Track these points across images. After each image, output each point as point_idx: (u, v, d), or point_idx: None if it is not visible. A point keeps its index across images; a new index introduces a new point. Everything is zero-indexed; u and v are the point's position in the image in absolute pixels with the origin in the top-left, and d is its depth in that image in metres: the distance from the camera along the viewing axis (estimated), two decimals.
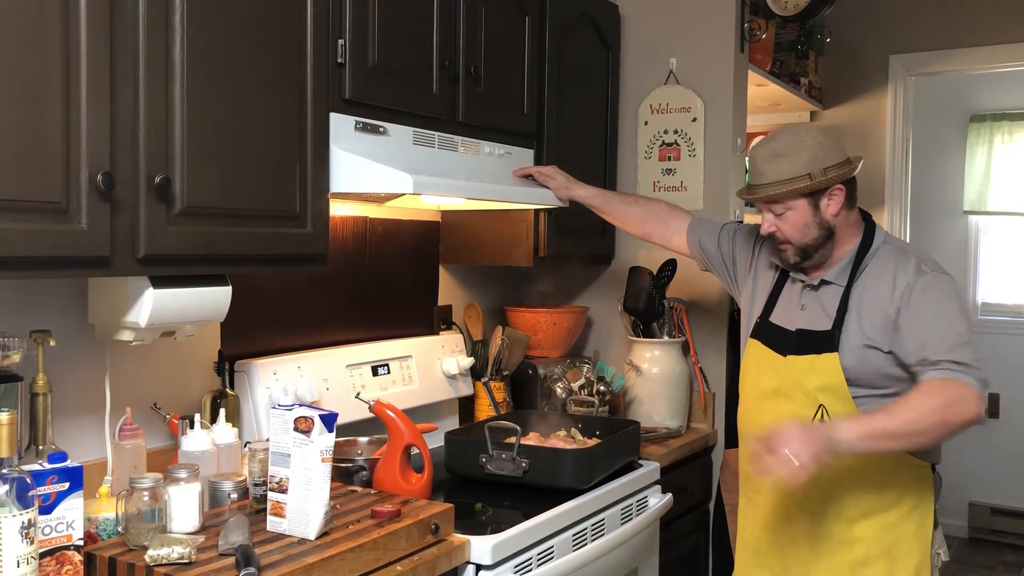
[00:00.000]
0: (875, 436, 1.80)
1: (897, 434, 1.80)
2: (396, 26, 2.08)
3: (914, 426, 1.80)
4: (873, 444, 1.81)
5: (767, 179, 1.98)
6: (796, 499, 2.02)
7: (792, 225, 2.00)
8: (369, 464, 2.05)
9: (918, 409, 1.80)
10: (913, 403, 1.81)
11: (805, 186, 1.95)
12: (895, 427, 1.79)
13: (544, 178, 2.50)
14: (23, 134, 1.38)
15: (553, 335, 3.01)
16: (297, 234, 1.87)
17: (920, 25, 3.97)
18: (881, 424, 1.80)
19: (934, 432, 1.82)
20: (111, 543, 1.59)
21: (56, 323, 1.79)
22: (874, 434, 1.80)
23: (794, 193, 1.96)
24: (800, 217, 1.99)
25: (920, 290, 1.92)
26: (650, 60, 3.07)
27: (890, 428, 1.79)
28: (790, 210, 1.99)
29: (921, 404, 1.81)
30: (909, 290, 1.92)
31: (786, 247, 2.03)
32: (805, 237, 2.00)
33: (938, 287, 1.93)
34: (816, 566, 2.01)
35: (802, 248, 2.01)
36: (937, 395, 1.81)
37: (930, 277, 1.94)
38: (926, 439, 1.85)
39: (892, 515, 1.97)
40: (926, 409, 1.80)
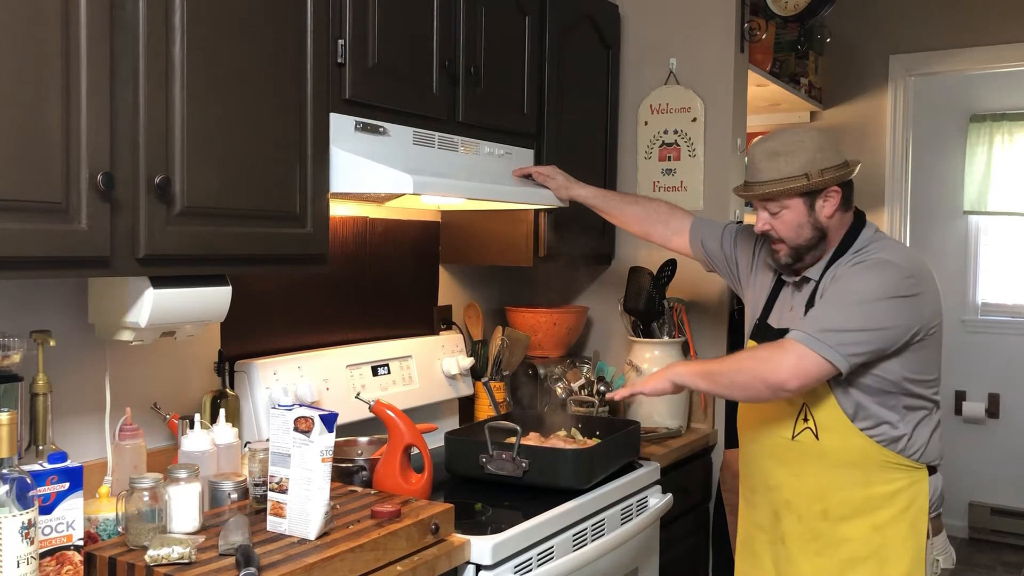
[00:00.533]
0: (700, 374, 2.04)
1: (714, 373, 2.02)
2: (396, 26, 2.08)
3: (726, 371, 1.98)
4: (699, 381, 2.05)
5: (764, 177, 1.99)
6: (785, 497, 2.03)
7: (787, 224, 2.00)
8: (369, 464, 2.05)
9: (739, 357, 2.00)
10: (744, 352, 2.02)
11: (802, 186, 1.96)
12: (714, 368, 2.01)
13: (544, 178, 2.50)
14: (23, 134, 1.38)
15: (553, 335, 3.01)
16: (297, 234, 1.87)
17: (920, 25, 3.97)
18: (706, 366, 2.08)
19: (740, 379, 1.95)
20: (111, 543, 1.59)
21: (56, 323, 1.79)
22: (699, 372, 2.05)
23: (790, 192, 1.96)
24: (795, 217, 1.99)
25: (849, 274, 1.94)
26: (650, 60, 3.07)
27: (711, 368, 2.04)
28: (785, 209, 1.99)
29: (746, 354, 2.00)
30: (843, 275, 1.95)
31: (780, 247, 2.04)
32: (799, 237, 2.00)
33: (867, 274, 1.92)
34: (805, 565, 2.02)
35: (795, 248, 2.02)
36: (760, 350, 1.96)
37: (871, 266, 1.93)
38: (735, 386, 1.99)
39: (882, 516, 1.96)
40: (743, 358, 1.98)
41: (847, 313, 1.88)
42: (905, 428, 1.95)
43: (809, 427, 1.97)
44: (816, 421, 1.96)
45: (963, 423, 5.14)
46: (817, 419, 1.96)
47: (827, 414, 1.95)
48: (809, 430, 1.97)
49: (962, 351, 4.90)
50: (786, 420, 2.00)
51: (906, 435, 1.95)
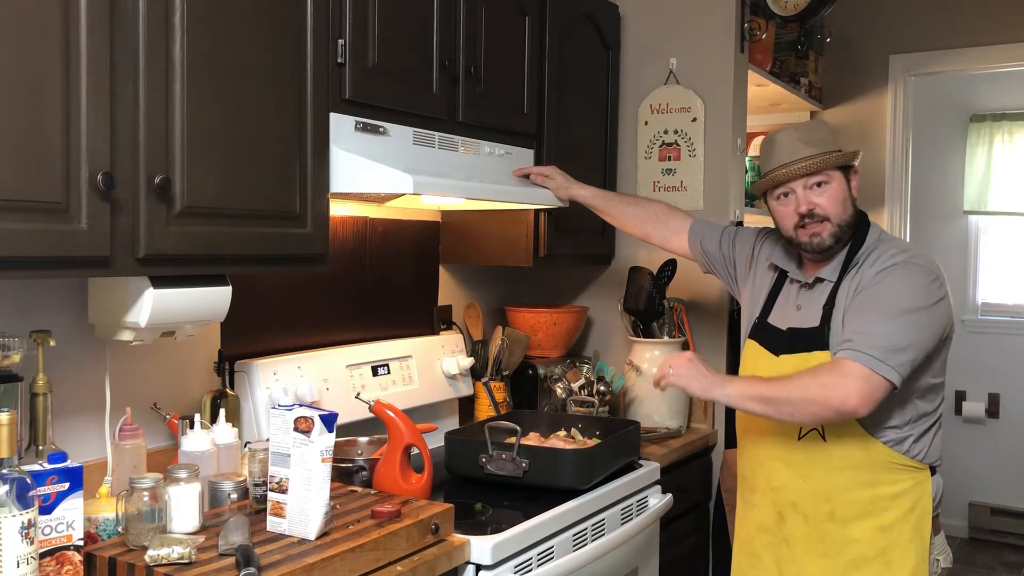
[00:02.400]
0: (756, 399, 1.90)
1: (772, 399, 1.87)
2: (396, 26, 2.08)
3: (788, 396, 1.86)
4: (754, 406, 1.91)
5: (801, 154, 1.98)
6: (791, 499, 2.02)
7: (833, 198, 1.98)
8: (369, 464, 2.05)
9: (800, 381, 1.87)
10: (800, 374, 1.89)
11: (839, 156, 1.98)
12: (772, 393, 1.87)
13: (543, 178, 2.50)
14: (23, 134, 1.38)
15: (553, 335, 3.01)
16: (297, 234, 1.87)
17: (920, 25, 3.97)
18: (761, 388, 1.89)
19: (806, 408, 1.85)
20: (111, 543, 1.59)
21: (56, 323, 1.79)
22: (755, 396, 1.90)
23: (832, 162, 1.97)
24: (840, 190, 1.99)
25: (882, 276, 1.93)
26: (650, 60, 3.07)
27: (768, 393, 1.88)
28: (829, 183, 1.98)
29: (804, 376, 1.87)
30: (874, 276, 1.94)
31: (823, 227, 1.98)
32: (844, 213, 1.99)
33: (900, 277, 1.91)
34: (810, 566, 2.01)
35: (839, 226, 1.99)
36: (822, 374, 1.85)
37: (900, 266, 1.92)
38: (799, 413, 1.87)
39: (888, 517, 1.96)
40: (804, 383, 1.86)
41: (895, 326, 1.85)
42: (911, 430, 1.95)
43: (816, 428, 1.97)
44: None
45: (963, 423, 5.14)
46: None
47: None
48: (816, 431, 1.97)
49: (962, 351, 4.89)
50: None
51: (912, 436, 1.96)
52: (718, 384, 1.95)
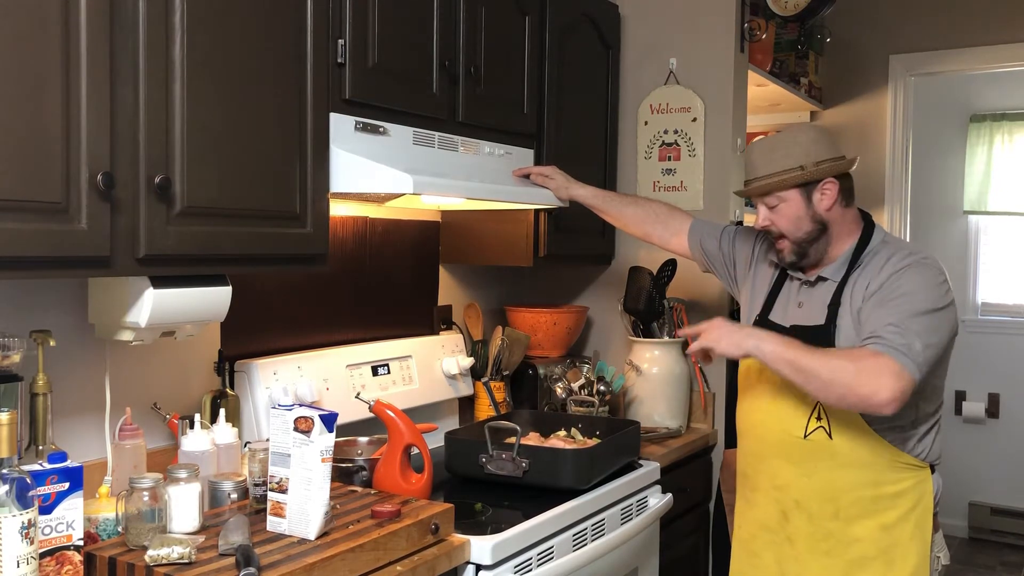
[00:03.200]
0: (788, 363, 1.85)
1: (804, 370, 1.84)
2: (396, 26, 2.08)
3: (820, 372, 1.82)
4: (781, 366, 1.87)
5: (761, 172, 2.02)
6: (795, 497, 2.02)
7: (785, 218, 2.01)
8: (369, 464, 2.05)
9: (835, 361, 1.84)
10: (836, 354, 1.87)
11: (796, 176, 1.98)
12: (806, 363, 1.84)
13: (543, 178, 2.50)
14: (23, 134, 1.38)
15: (553, 335, 3.01)
16: (297, 234, 1.87)
17: (920, 25, 3.97)
18: (797, 354, 1.85)
19: (834, 389, 1.82)
20: (111, 543, 1.59)
21: (56, 323, 1.79)
22: (786, 358, 1.86)
23: (785, 184, 1.99)
24: (793, 209, 2.00)
25: (899, 276, 1.92)
26: (650, 60, 3.07)
27: (802, 362, 1.84)
28: (783, 202, 2.01)
29: (840, 359, 1.85)
30: (890, 275, 1.93)
31: (783, 244, 2.04)
32: (799, 231, 2.01)
33: (916, 283, 1.91)
34: (813, 565, 2.01)
35: (796, 243, 2.02)
36: (857, 360, 1.83)
37: (914, 266, 1.93)
38: (825, 392, 1.84)
39: (890, 516, 1.96)
40: (839, 365, 1.83)
41: (921, 325, 1.84)
42: (914, 428, 1.96)
43: (822, 426, 1.97)
44: (830, 420, 1.96)
45: (963, 423, 5.14)
46: (832, 417, 1.96)
47: (842, 413, 1.95)
48: (822, 429, 1.97)
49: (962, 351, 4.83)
50: (798, 419, 2.00)
51: (916, 436, 1.96)
52: (753, 337, 1.91)
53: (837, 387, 1.82)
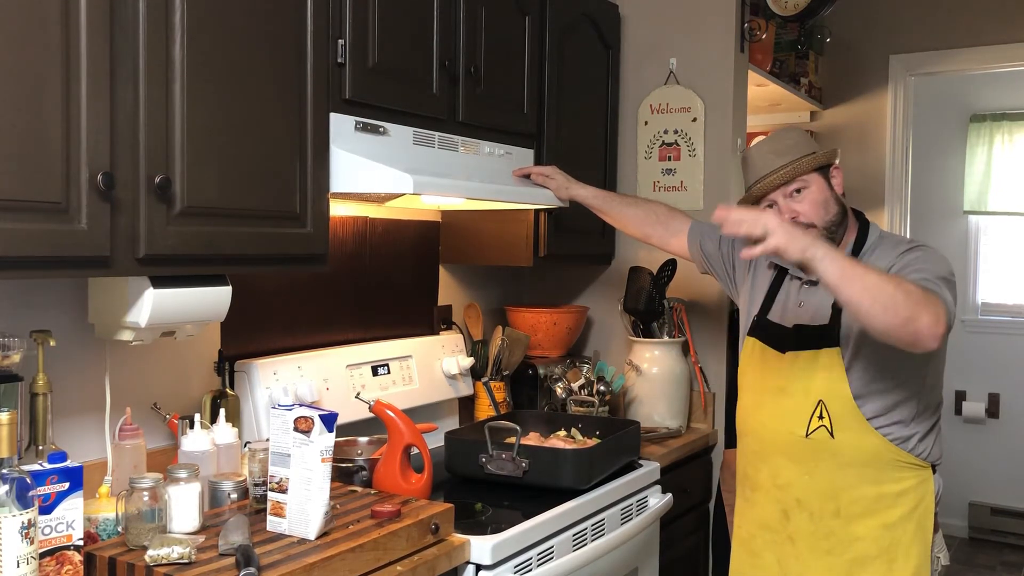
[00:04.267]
0: (846, 271, 1.70)
1: (868, 287, 1.69)
2: (396, 26, 2.08)
3: (882, 292, 1.69)
4: (840, 277, 1.70)
5: (776, 164, 2.00)
6: (796, 496, 2.02)
7: (813, 203, 1.99)
8: (369, 464, 2.05)
9: (899, 287, 1.71)
10: (897, 280, 1.74)
11: (816, 157, 1.99)
12: (870, 280, 1.70)
13: (543, 178, 2.50)
14: (23, 134, 1.38)
15: (553, 335, 3.01)
16: (297, 234, 1.87)
17: (920, 25, 3.97)
18: (860, 269, 1.72)
19: (898, 312, 1.68)
20: (111, 543, 1.59)
21: (56, 323, 1.79)
22: (848, 270, 1.70)
23: (810, 165, 1.98)
24: (818, 193, 2.00)
25: (909, 255, 1.94)
26: (650, 60, 3.07)
27: (869, 279, 1.70)
28: (807, 188, 2.00)
29: (903, 285, 1.73)
30: (900, 255, 1.94)
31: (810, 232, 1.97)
32: (828, 213, 2.00)
33: (929, 256, 1.93)
34: (815, 564, 2.01)
35: (826, 228, 2.00)
36: (918, 292, 1.73)
37: (920, 249, 1.96)
38: (884, 315, 1.69)
39: (892, 515, 1.97)
40: (904, 291, 1.71)
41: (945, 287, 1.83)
42: (916, 427, 1.96)
43: (824, 425, 1.97)
44: (832, 418, 1.96)
45: (963, 423, 5.14)
46: (833, 416, 1.96)
47: (844, 411, 1.95)
48: (824, 428, 1.97)
49: (962, 351, 4.90)
50: (800, 418, 2.00)
51: (917, 434, 1.96)
52: (817, 246, 1.71)
53: (901, 309, 1.68)
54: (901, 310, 1.68)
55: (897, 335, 1.72)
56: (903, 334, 1.71)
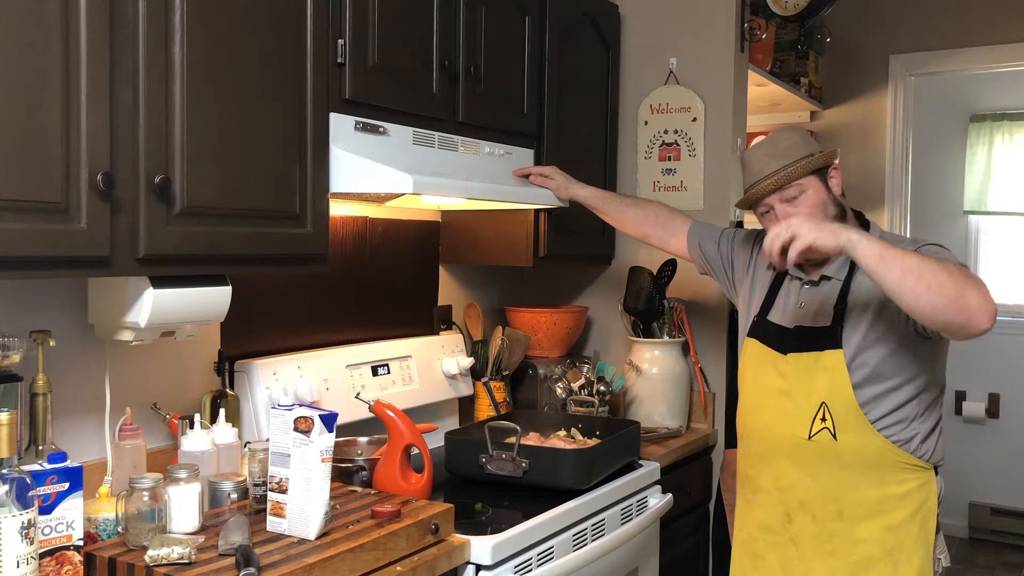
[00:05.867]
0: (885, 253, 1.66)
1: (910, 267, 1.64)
2: (396, 26, 2.08)
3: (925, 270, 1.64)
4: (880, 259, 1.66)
5: (773, 167, 2.00)
6: (799, 498, 2.02)
7: (810, 206, 1.98)
8: (369, 464, 2.05)
9: (941, 264, 1.67)
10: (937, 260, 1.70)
11: (812, 160, 1.98)
12: (914, 261, 1.66)
13: (543, 179, 2.50)
14: (23, 134, 1.38)
15: (553, 335, 3.01)
16: (297, 234, 1.87)
17: (920, 25, 3.97)
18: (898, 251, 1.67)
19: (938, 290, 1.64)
20: (111, 543, 1.59)
21: (56, 323, 1.79)
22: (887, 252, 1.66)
23: (806, 168, 1.97)
24: (815, 196, 1.99)
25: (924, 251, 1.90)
26: (650, 60, 3.07)
27: (910, 260, 1.66)
28: (804, 192, 1.99)
29: (944, 264, 1.69)
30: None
31: None
32: (826, 217, 1.98)
33: (941, 251, 1.92)
34: (818, 566, 2.01)
35: None
36: (959, 271, 1.69)
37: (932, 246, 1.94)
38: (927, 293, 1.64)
39: (895, 517, 1.96)
40: (946, 269, 1.67)
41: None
42: (918, 427, 1.96)
43: (827, 427, 1.96)
44: (835, 420, 1.96)
45: (963, 423, 5.15)
46: (836, 418, 1.96)
47: (847, 413, 1.94)
48: (827, 430, 1.96)
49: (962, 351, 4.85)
50: (802, 420, 1.99)
51: (919, 434, 1.96)
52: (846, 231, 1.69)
53: (948, 288, 1.64)
54: (948, 288, 1.65)
55: (946, 315, 1.67)
56: (952, 313, 1.66)
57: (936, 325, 1.73)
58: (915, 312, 1.72)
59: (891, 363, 1.93)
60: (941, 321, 1.70)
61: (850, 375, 1.94)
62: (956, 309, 1.66)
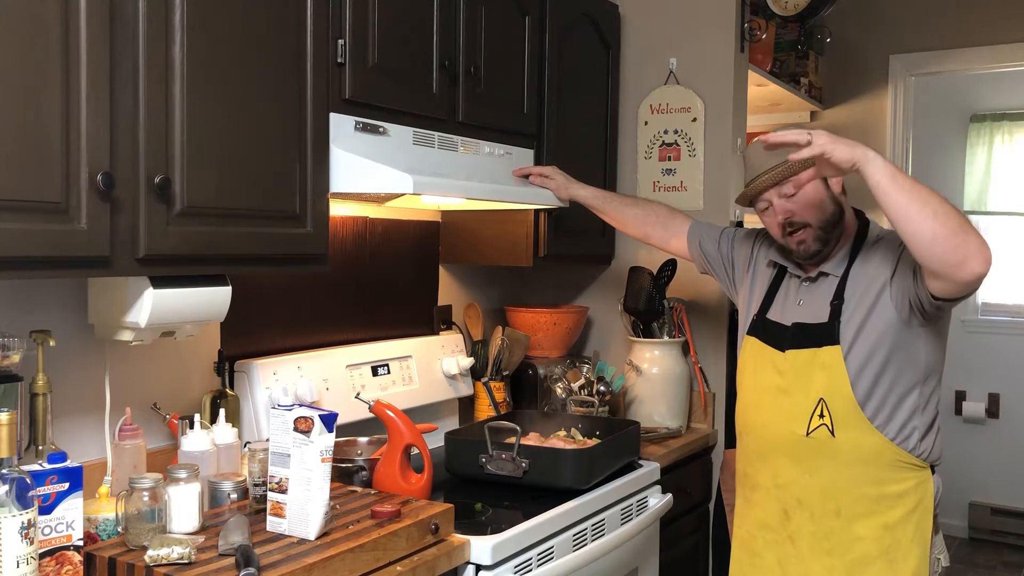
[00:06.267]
0: (897, 175, 1.73)
1: (918, 192, 1.71)
2: (396, 26, 2.08)
3: (932, 199, 1.71)
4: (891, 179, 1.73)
5: (771, 163, 1.99)
6: (797, 496, 2.02)
7: (808, 202, 1.98)
8: (369, 464, 2.05)
9: (946, 200, 1.74)
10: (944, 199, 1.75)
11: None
12: (920, 189, 1.72)
13: (543, 179, 2.50)
14: (23, 134, 1.38)
15: (553, 335, 3.01)
16: (297, 234, 1.87)
17: (920, 25, 3.97)
18: (910, 179, 1.74)
19: (943, 220, 1.70)
20: (111, 543, 1.59)
21: (56, 323, 1.79)
22: (898, 175, 1.73)
23: (804, 164, 1.95)
24: (814, 193, 1.98)
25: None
26: (650, 60, 3.07)
27: (917, 187, 1.72)
28: (802, 188, 1.99)
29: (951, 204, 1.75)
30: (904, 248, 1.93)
31: (806, 233, 2.00)
32: (823, 213, 1.99)
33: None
34: (815, 565, 2.01)
35: (822, 227, 1.99)
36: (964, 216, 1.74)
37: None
38: (932, 220, 1.70)
39: (892, 515, 1.96)
40: (952, 206, 1.73)
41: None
42: (916, 424, 1.96)
43: (825, 423, 1.96)
44: (832, 417, 1.96)
45: (963, 423, 5.14)
46: (834, 415, 1.96)
47: (845, 410, 1.95)
48: (825, 426, 1.97)
49: (962, 351, 4.90)
50: (800, 416, 1.99)
51: (916, 432, 1.96)
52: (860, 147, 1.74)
53: (951, 220, 1.70)
54: (951, 220, 1.69)
55: (944, 248, 1.70)
56: (951, 248, 1.70)
57: (934, 260, 1.74)
58: (915, 239, 1.74)
59: (888, 359, 1.93)
60: (939, 254, 1.72)
61: (848, 371, 1.94)
62: (955, 244, 1.70)
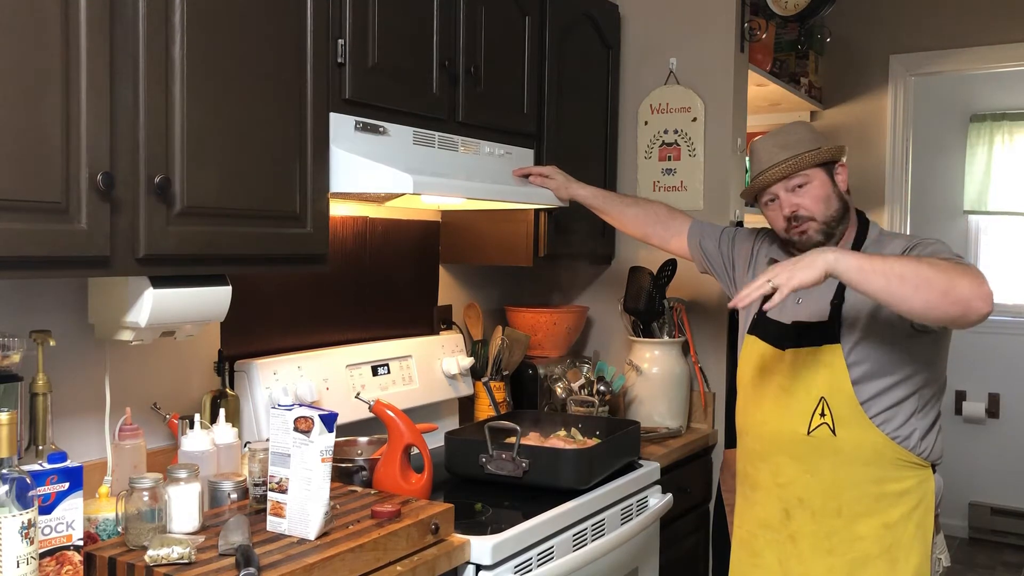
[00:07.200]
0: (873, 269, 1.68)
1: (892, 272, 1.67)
2: (396, 26, 2.08)
3: (908, 271, 1.66)
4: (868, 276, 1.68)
5: (780, 157, 2.02)
6: (798, 495, 2.02)
7: (814, 197, 2.01)
8: (369, 464, 2.05)
9: (922, 262, 1.70)
10: (918, 258, 1.74)
11: (820, 152, 2.00)
12: (897, 266, 1.68)
13: (543, 179, 2.50)
14: (23, 134, 1.38)
15: (553, 335, 3.01)
16: (297, 234, 1.87)
17: (920, 25, 3.97)
18: (876, 259, 1.71)
19: (927, 287, 1.66)
20: (111, 543, 1.59)
21: (56, 323, 1.79)
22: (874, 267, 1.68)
23: (813, 159, 1.99)
24: (822, 187, 2.01)
25: (917, 246, 1.95)
26: (650, 60, 3.07)
27: (893, 266, 1.68)
28: (809, 183, 2.01)
29: (924, 260, 1.72)
30: (906, 249, 1.94)
31: (809, 225, 2.02)
32: (829, 208, 2.02)
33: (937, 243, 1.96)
34: (816, 564, 2.01)
35: (826, 222, 2.02)
36: (943, 262, 1.71)
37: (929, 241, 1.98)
38: (917, 293, 1.66)
39: (893, 514, 1.96)
40: (929, 263, 1.69)
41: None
42: (917, 423, 1.96)
43: (826, 422, 1.97)
44: (834, 416, 1.96)
45: (963, 423, 5.14)
46: (835, 413, 1.96)
47: (846, 408, 1.95)
48: (826, 425, 1.97)
49: (962, 351, 4.87)
50: (801, 415, 2.00)
51: (917, 431, 1.96)
52: (822, 253, 1.71)
53: (936, 282, 1.66)
54: (937, 283, 1.67)
55: (941, 310, 1.69)
56: (947, 306, 1.68)
57: (935, 321, 1.77)
58: (911, 314, 1.76)
59: (890, 358, 1.94)
60: (938, 316, 1.73)
61: (849, 370, 1.94)
62: (949, 302, 1.68)
